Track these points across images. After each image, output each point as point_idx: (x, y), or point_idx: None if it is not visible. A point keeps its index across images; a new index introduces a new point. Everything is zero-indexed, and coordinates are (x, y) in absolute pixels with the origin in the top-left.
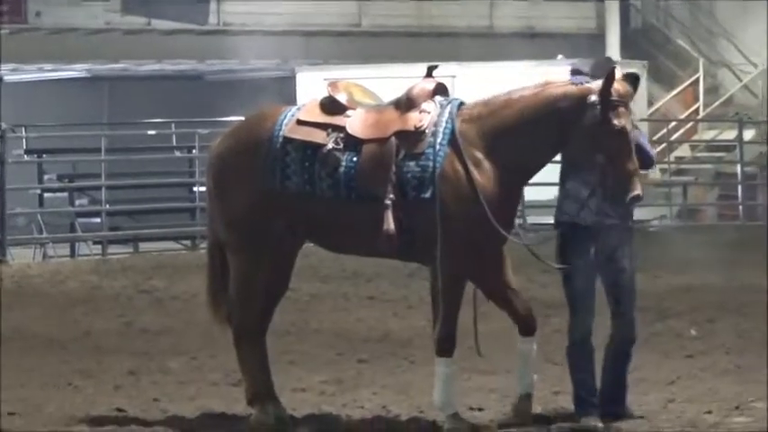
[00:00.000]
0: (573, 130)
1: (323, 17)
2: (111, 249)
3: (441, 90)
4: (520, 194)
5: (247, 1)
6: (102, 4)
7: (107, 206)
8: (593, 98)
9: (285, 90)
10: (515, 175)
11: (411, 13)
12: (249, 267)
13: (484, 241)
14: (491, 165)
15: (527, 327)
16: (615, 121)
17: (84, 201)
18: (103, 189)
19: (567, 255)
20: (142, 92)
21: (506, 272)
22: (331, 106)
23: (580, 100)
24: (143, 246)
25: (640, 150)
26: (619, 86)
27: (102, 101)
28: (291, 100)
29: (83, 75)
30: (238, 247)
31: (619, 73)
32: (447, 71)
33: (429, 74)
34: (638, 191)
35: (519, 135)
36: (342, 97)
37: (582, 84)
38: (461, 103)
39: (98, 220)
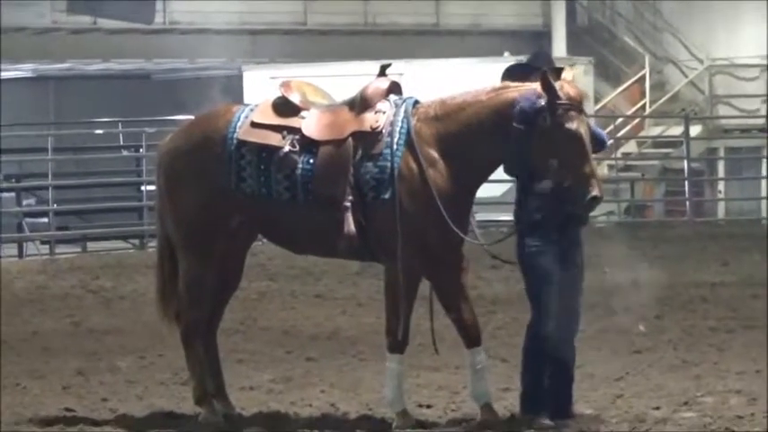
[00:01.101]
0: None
1: (269, 15)
2: (59, 249)
3: (394, 89)
4: (474, 195)
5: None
6: (48, 4)
7: (54, 206)
8: (542, 102)
9: (232, 88)
10: (470, 176)
11: (357, 11)
12: (199, 266)
13: (440, 240)
14: (446, 165)
15: (471, 338)
16: (567, 125)
17: (32, 201)
18: (51, 189)
19: (534, 252)
20: (88, 91)
21: (463, 276)
22: (284, 107)
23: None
24: (91, 245)
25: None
26: (570, 89)
27: (47, 100)
28: (239, 98)
29: (28, 74)
30: (188, 246)
31: (569, 74)
32: (394, 69)
33: (382, 73)
34: (596, 192)
35: (475, 137)
36: (295, 98)
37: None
38: (416, 102)
39: (45, 219)
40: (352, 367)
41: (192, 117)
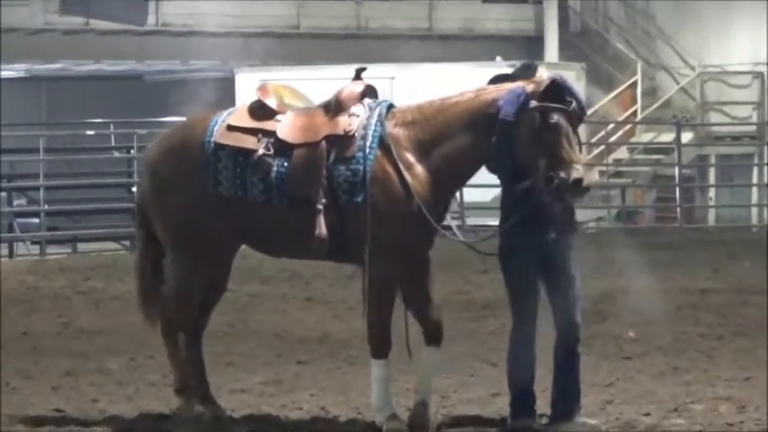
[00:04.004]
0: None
1: (262, 18)
2: (50, 249)
3: (369, 92)
4: (451, 199)
5: (186, 1)
6: (41, 4)
7: (45, 206)
8: (523, 99)
9: (224, 91)
10: (448, 180)
11: (350, 15)
12: (189, 268)
13: (414, 243)
14: (423, 169)
15: (433, 335)
16: (550, 118)
17: (23, 201)
18: (42, 189)
19: (514, 258)
20: (80, 92)
21: (429, 278)
22: (260, 111)
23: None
24: (81, 246)
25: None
26: (541, 79)
27: (39, 101)
28: (231, 101)
29: (20, 75)
30: (177, 249)
31: (543, 73)
32: (386, 72)
33: (357, 76)
34: (578, 174)
35: (454, 141)
36: (271, 101)
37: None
38: (391, 106)
39: (36, 220)
40: (342, 371)
41: (182, 119)
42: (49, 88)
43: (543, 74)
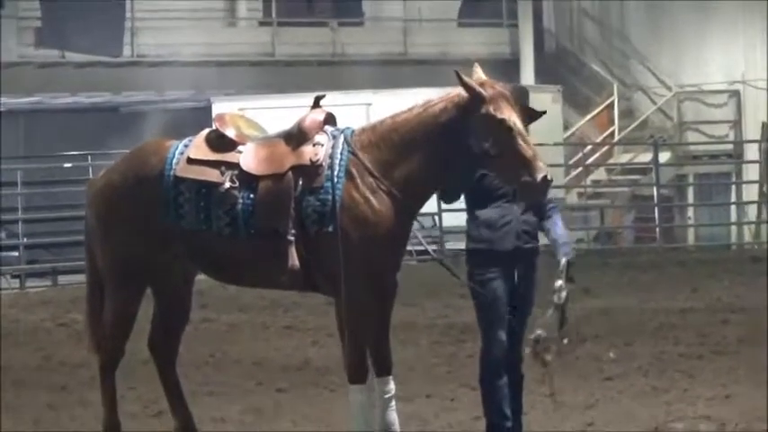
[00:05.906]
0: (462, 140)
1: (237, 47)
2: (30, 282)
3: (330, 120)
4: (413, 219)
5: (161, 32)
6: (15, 38)
7: (24, 239)
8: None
9: (201, 120)
10: (410, 199)
11: (325, 42)
12: (129, 301)
13: (384, 266)
14: (386, 191)
15: (385, 367)
16: (496, 114)
17: (1, 234)
18: (20, 222)
19: (483, 281)
20: (57, 125)
21: (392, 305)
22: (220, 142)
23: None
24: (62, 278)
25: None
26: (488, 83)
27: (17, 134)
28: None
29: None
30: (121, 282)
31: (479, 73)
32: (363, 99)
33: (317, 104)
34: (544, 172)
35: (413, 158)
36: (230, 132)
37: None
38: (353, 132)
39: (16, 253)
40: (323, 398)
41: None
42: (26, 121)
43: (480, 73)
